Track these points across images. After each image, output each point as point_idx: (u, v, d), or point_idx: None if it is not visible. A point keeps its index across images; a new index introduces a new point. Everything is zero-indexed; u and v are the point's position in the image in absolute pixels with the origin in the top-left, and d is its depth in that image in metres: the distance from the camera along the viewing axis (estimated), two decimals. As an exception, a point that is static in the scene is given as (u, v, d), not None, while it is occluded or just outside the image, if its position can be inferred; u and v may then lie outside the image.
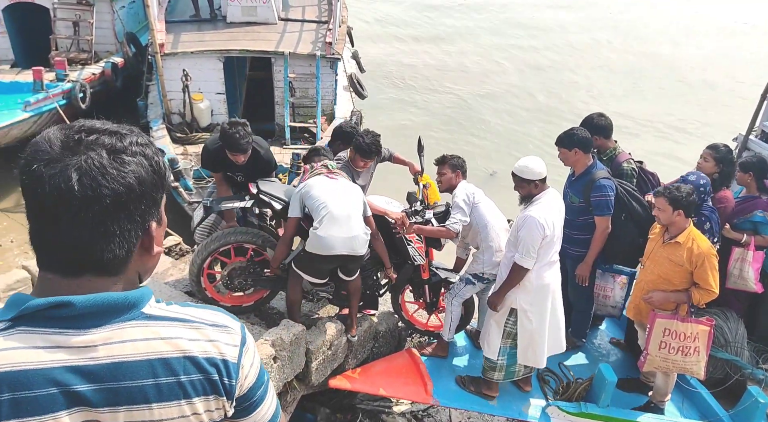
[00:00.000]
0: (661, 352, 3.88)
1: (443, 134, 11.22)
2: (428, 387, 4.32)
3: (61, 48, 9.59)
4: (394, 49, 15.16)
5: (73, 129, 0.94)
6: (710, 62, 15.57)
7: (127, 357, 0.93)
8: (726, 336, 4.40)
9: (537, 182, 3.78)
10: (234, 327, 1.07)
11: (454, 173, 4.39)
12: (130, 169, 0.93)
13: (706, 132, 10.99)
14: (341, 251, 3.93)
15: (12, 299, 0.92)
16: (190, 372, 0.98)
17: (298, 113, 9.11)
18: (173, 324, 0.99)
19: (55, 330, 0.90)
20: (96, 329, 0.92)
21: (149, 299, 0.99)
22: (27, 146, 0.94)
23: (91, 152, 0.91)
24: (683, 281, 3.83)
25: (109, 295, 0.94)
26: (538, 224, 3.66)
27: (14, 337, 0.89)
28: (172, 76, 8.35)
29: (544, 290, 3.87)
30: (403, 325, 5.11)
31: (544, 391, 4.39)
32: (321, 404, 4.91)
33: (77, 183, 0.89)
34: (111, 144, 0.93)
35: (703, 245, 3.74)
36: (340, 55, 8.94)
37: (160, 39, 8.20)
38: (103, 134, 0.94)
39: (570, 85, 13.71)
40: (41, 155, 0.91)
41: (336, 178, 4.16)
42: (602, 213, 4.16)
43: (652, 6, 20.02)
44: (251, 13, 9.23)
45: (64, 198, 0.89)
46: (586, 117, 4.63)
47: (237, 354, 1.04)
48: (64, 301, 0.90)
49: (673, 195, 3.73)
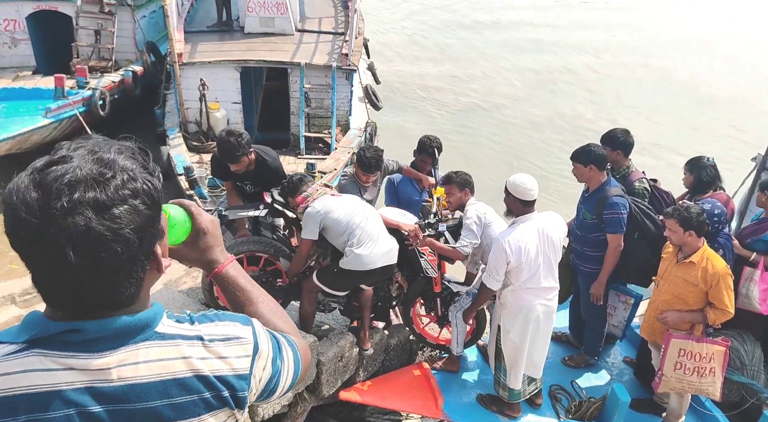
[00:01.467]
0: (676, 373, 3.83)
1: (456, 145, 11.23)
2: (438, 402, 4.30)
3: (82, 56, 9.74)
4: (411, 66, 15.19)
5: (48, 184, 0.85)
6: (732, 77, 15.49)
7: (140, 379, 0.94)
8: (742, 359, 4.33)
9: (524, 201, 3.76)
10: (246, 336, 1.08)
11: (462, 192, 4.37)
12: (123, 223, 0.87)
13: (725, 146, 10.90)
14: (381, 264, 4.07)
15: (27, 319, 0.93)
16: (202, 391, 0.99)
17: (313, 124, 9.17)
18: (185, 343, 1.00)
19: (69, 354, 0.91)
20: (109, 351, 0.93)
21: (161, 318, 1.00)
22: (2, 201, 0.89)
23: (77, 217, 0.84)
24: (698, 301, 3.79)
25: (122, 320, 0.94)
26: (500, 248, 3.70)
27: (29, 360, 0.90)
28: (190, 86, 8.45)
29: (524, 312, 3.87)
30: (415, 338, 5.09)
31: (556, 409, 4.35)
32: (331, 416, 4.89)
33: (73, 255, 0.85)
34: (95, 199, 0.85)
35: (718, 264, 3.70)
36: (355, 67, 9.00)
37: (178, 48, 8.31)
38: (83, 187, 0.85)
39: (593, 103, 13.65)
40: (24, 225, 0.85)
41: (340, 195, 4.21)
42: (614, 231, 4.13)
43: (682, 25, 19.92)
44: (269, 24, 9.33)
45: (64, 268, 0.86)
46: (609, 131, 4.60)
47: (249, 364, 1.06)
48: (77, 327, 0.91)
49: (682, 216, 3.71)
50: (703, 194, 4.47)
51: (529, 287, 3.82)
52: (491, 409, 4.29)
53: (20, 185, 0.87)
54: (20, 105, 8.26)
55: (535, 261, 3.76)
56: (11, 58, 9.74)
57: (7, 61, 9.70)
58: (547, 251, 3.81)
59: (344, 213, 4.00)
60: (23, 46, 9.77)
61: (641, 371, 4.65)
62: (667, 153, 11.14)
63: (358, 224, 3.97)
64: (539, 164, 10.76)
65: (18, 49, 9.76)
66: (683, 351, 3.79)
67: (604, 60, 16.34)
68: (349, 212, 4.01)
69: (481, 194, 4.64)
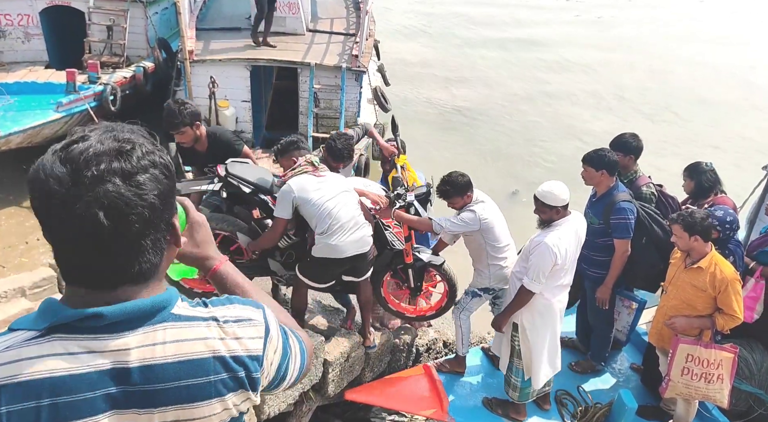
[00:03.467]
0: (683, 378, 3.82)
1: (465, 149, 11.23)
2: (444, 404, 4.30)
3: (94, 51, 9.78)
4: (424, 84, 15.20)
5: (74, 158, 0.90)
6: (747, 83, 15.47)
7: (159, 360, 0.96)
8: (751, 368, 4.32)
9: (559, 208, 3.76)
10: (258, 317, 1.10)
11: (464, 197, 4.23)
12: (147, 189, 0.93)
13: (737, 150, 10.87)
14: (353, 252, 4.04)
15: (44, 306, 0.95)
16: (219, 372, 1.01)
17: (322, 124, 9.18)
18: (201, 324, 1.02)
19: (88, 337, 0.93)
20: (128, 332, 0.95)
21: (176, 301, 1.02)
22: (29, 181, 0.92)
23: (107, 184, 0.89)
24: (706, 306, 3.78)
25: (138, 302, 0.96)
26: (550, 252, 3.66)
27: (50, 344, 0.92)
28: (200, 83, 8.48)
29: (548, 312, 3.87)
30: (391, 315, 5.03)
31: (562, 414, 4.35)
32: (336, 416, 4.91)
33: (105, 219, 0.89)
34: (121, 168, 0.91)
35: (727, 270, 3.70)
36: (365, 68, 9.01)
37: (189, 46, 8.34)
38: (108, 158, 0.91)
39: (606, 109, 13.64)
40: (53, 195, 0.89)
41: (324, 175, 4.10)
42: (622, 236, 4.13)
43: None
44: (280, 24, 9.36)
45: (95, 235, 0.90)
46: (619, 136, 4.59)
47: (262, 345, 1.08)
48: (95, 313, 0.92)
49: (686, 221, 3.71)
50: (704, 199, 4.46)
51: (554, 286, 3.82)
52: (497, 412, 4.29)
53: (46, 162, 0.91)
54: (32, 99, 8.29)
55: (571, 262, 3.80)
56: (24, 52, 9.78)
57: (20, 56, 9.74)
58: (576, 253, 3.85)
59: (318, 197, 3.93)
60: (36, 41, 9.80)
61: (647, 377, 4.65)
62: (673, 157, 11.13)
63: (330, 211, 3.91)
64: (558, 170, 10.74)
65: (31, 44, 9.79)
66: (691, 356, 3.79)
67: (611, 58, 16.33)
68: (324, 197, 3.94)
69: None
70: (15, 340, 0.92)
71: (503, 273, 4.25)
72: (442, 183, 4.21)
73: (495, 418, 4.26)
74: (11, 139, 7.47)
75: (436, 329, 5.70)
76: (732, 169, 4.74)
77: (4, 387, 0.88)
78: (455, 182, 4.16)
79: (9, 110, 8.00)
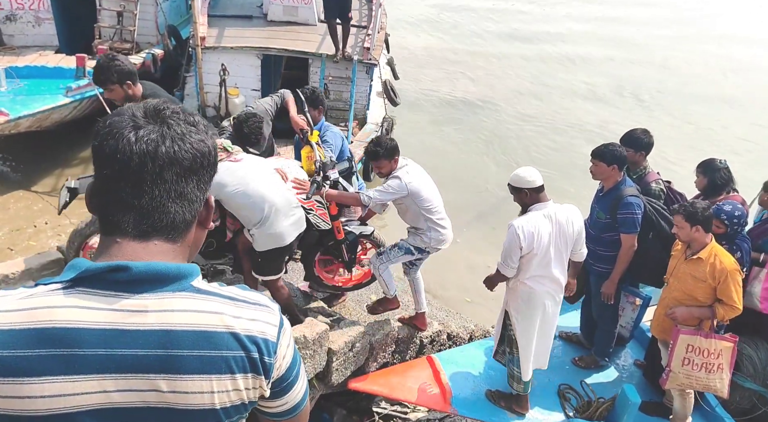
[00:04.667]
0: (684, 369, 3.84)
1: (466, 139, 11.22)
2: (447, 396, 4.31)
3: (104, 37, 9.81)
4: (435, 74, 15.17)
5: (149, 105, 1.04)
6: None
7: (174, 326, 0.96)
8: (756, 366, 4.32)
9: (527, 190, 3.73)
10: (274, 307, 1.10)
11: (391, 161, 4.17)
12: (201, 138, 1.04)
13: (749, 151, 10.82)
14: (294, 236, 4.05)
15: (72, 263, 0.97)
16: (233, 348, 1.00)
17: (330, 116, 9.16)
18: (219, 300, 1.02)
19: (111, 292, 0.94)
20: (148, 294, 0.95)
21: (198, 275, 1.03)
22: (107, 119, 1.02)
23: (172, 122, 1.02)
24: (707, 297, 3.80)
25: (164, 264, 0.98)
26: (514, 234, 3.66)
27: (72, 296, 0.93)
28: (211, 70, 8.48)
29: (533, 301, 3.85)
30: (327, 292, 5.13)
31: (565, 408, 4.35)
32: (338, 405, 4.92)
33: (163, 145, 0.98)
34: (186, 119, 1.04)
35: (726, 260, 3.71)
36: (376, 61, 8.99)
37: (201, 32, 8.33)
38: (179, 112, 1.05)
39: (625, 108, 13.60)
40: (127, 123, 0.99)
41: (240, 159, 3.93)
42: (628, 231, 4.11)
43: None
44: (292, 13, 9.35)
45: (151, 158, 0.97)
46: (629, 132, 4.57)
47: (276, 333, 1.07)
48: (122, 265, 0.94)
49: (688, 211, 3.73)
50: (717, 196, 4.44)
51: (537, 275, 3.79)
52: (500, 405, 4.29)
53: (125, 107, 1.03)
54: (42, 83, 8.32)
55: (547, 250, 3.74)
56: (35, 36, 9.81)
57: (30, 40, 9.77)
58: (559, 243, 3.76)
59: (253, 186, 3.76)
60: (47, 26, 9.83)
61: (650, 372, 4.65)
62: (683, 153, 11.12)
63: (263, 196, 3.77)
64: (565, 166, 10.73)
65: (41, 29, 9.82)
66: (691, 346, 3.81)
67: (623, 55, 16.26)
68: (251, 184, 3.76)
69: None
70: (40, 290, 0.95)
71: (442, 237, 4.30)
72: (373, 145, 4.17)
73: (497, 410, 4.26)
74: (20, 122, 7.49)
75: (440, 321, 5.70)
76: (746, 168, 4.72)
77: (20, 332, 0.90)
78: (385, 145, 4.16)
79: (19, 94, 8.03)
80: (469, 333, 5.63)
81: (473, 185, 9.57)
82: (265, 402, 1.11)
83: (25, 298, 0.93)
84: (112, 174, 0.98)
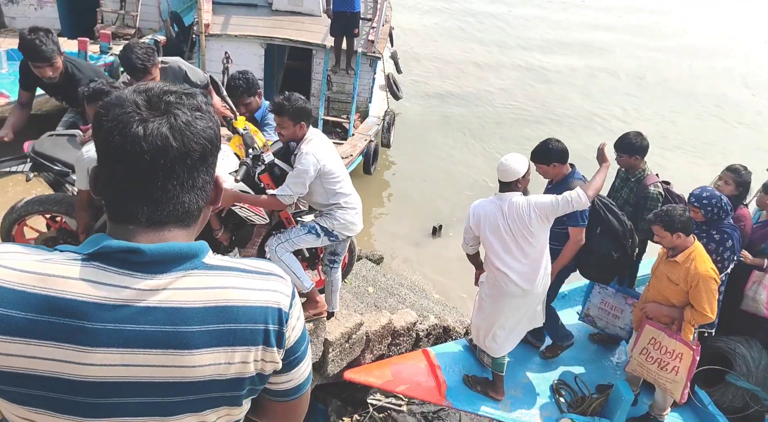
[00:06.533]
0: (640, 357, 3.98)
1: (461, 133, 11.22)
2: (442, 389, 4.32)
3: (106, 21, 9.75)
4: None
5: (150, 91, 1.00)
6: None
7: (184, 304, 0.97)
8: (749, 365, 4.36)
9: (500, 182, 3.81)
10: (286, 277, 1.11)
11: (297, 125, 3.61)
12: (207, 125, 1.02)
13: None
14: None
15: (92, 238, 0.98)
16: (244, 321, 1.01)
17: (332, 108, 9.17)
18: (231, 274, 1.03)
19: (124, 271, 0.95)
20: (161, 275, 0.96)
21: (208, 251, 1.04)
22: (106, 108, 0.98)
23: (177, 111, 0.98)
24: (678, 299, 3.87)
25: (176, 244, 0.99)
26: (467, 215, 3.86)
27: (88, 269, 0.94)
28: (214, 57, 8.46)
29: (498, 280, 3.85)
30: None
31: (558, 403, 4.37)
32: (333, 395, 4.93)
33: (174, 140, 0.96)
34: (188, 104, 1.00)
35: (701, 267, 3.72)
36: (380, 54, 8.97)
37: (206, 19, 8.30)
38: (179, 94, 1.01)
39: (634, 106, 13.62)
40: (132, 116, 0.96)
41: None
42: (575, 224, 4.08)
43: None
44: (297, 4, 9.33)
45: (162, 154, 0.95)
46: (622, 137, 4.57)
47: (289, 303, 1.07)
48: (136, 248, 0.95)
49: (665, 221, 3.75)
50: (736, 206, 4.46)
51: (496, 260, 3.79)
52: (476, 389, 4.32)
53: (123, 93, 1.00)
54: (43, 66, 8.28)
55: (499, 235, 3.74)
56: (36, 19, 9.71)
57: (32, 22, 9.54)
58: (514, 230, 3.71)
59: None
60: (49, 9, 9.77)
61: None
62: (685, 154, 11.18)
63: None
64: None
65: (44, 11, 9.75)
66: (654, 339, 3.91)
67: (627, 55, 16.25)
68: None
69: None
70: (58, 257, 0.96)
71: (351, 219, 3.85)
72: (282, 98, 3.60)
73: (492, 403, 4.28)
74: (21, 104, 7.44)
75: (437, 315, 5.72)
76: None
77: (32, 296, 0.91)
78: (295, 101, 3.57)
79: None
80: (465, 327, 5.65)
81: (470, 179, 9.58)
82: (272, 378, 1.11)
83: (41, 261, 0.94)
84: (121, 170, 0.97)
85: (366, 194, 8.30)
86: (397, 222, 8.43)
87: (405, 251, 7.80)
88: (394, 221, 8.50)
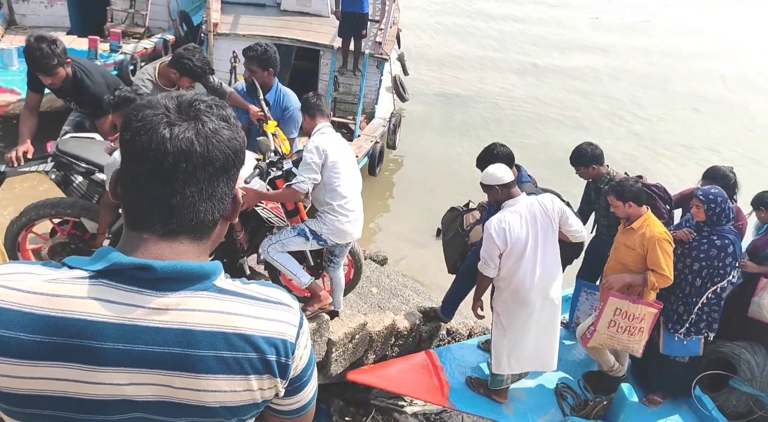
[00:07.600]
0: (609, 330, 4.07)
1: (463, 133, 11.22)
2: (445, 390, 4.33)
3: (116, 20, 9.80)
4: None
5: (181, 97, 1.01)
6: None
7: (194, 326, 0.96)
8: (753, 371, 4.33)
9: (496, 187, 3.79)
10: (295, 306, 1.09)
11: (312, 121, 3.80)
12: (233, 136, 1.02)
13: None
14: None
15: (100, 251, 0.97)
16: (250, 350, 1.00)
17: (339, 108, 9.18)
18: (240, 300, 1.02)
19: (134, 288, 0.94)
20: (171, 293, 0.96)
21: (220, 273, 1.03)
22: (138, 109, 0.99)
23: (205, 118, 0.99)
24: (637, 265, 4.00)
25: (188, 263, 0.98)
26: (488, 234, 3.73)
27: (97, 288, 0.93)
28: (222, 56, 8.48)
29: (518, 296, 3.84)
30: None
31: (562, 407, 4.36)
32: (336, 395, 4.93)
33: (198, 144, 0.96)
34: (217, 114, 1.01)
35: (655, 229, 3.92)
36: (388, 56, 8.99)
37: (215, 18, 8.33)
38: (210, 104, 1.02)
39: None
40: (160, 118, 0.96)
41: None
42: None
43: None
44: (305, 4, 9.36)
45: (185, 157, 0.96)
46: (574, 150, 4.62)
47: (295, 333, 1.06)
48: (148, 265, 0.94)
49: (617, 190, 4.00)
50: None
51: (518, 271, 3.77)
52: (479, 391, 4.33)
53: (156, 97, 1.01)
54: (53, 64, 8.33)
55: (525, 244, 3.74)
56: (47, 17, 9.81)
57: (42, 21, 9.77)
58: (537, 234, 3.75)
59: None
60: (59, 7, 9.83)
61: (640, 371, 4.68)
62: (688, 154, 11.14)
63: None
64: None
65: (54, 9, 9.82)
66: (619, 310, 4.00)
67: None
68: None
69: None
70: (64, 275, 0.95)
71: (342, 227, 3.78)
72: (312, 95, 3.84)
73: (494, 406, 4.28)
74: (30, 102, 7.49)
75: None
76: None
77: (40, 317, 0.91)
78: (309, 101, 3.84)
79: (30, 73, 8.03)
80: (468, 330, 5.64)
81: (476, 182, 9.54)
82: (277, 400, 1.11)
83: (49, 281, 0.94)
84: (144, 171, 0.97)
85: (371, 195, 8.33)
86: (402, 223, 8.44)
87: (409, 252, 7.80)
88: (398, 223, 8.50)
